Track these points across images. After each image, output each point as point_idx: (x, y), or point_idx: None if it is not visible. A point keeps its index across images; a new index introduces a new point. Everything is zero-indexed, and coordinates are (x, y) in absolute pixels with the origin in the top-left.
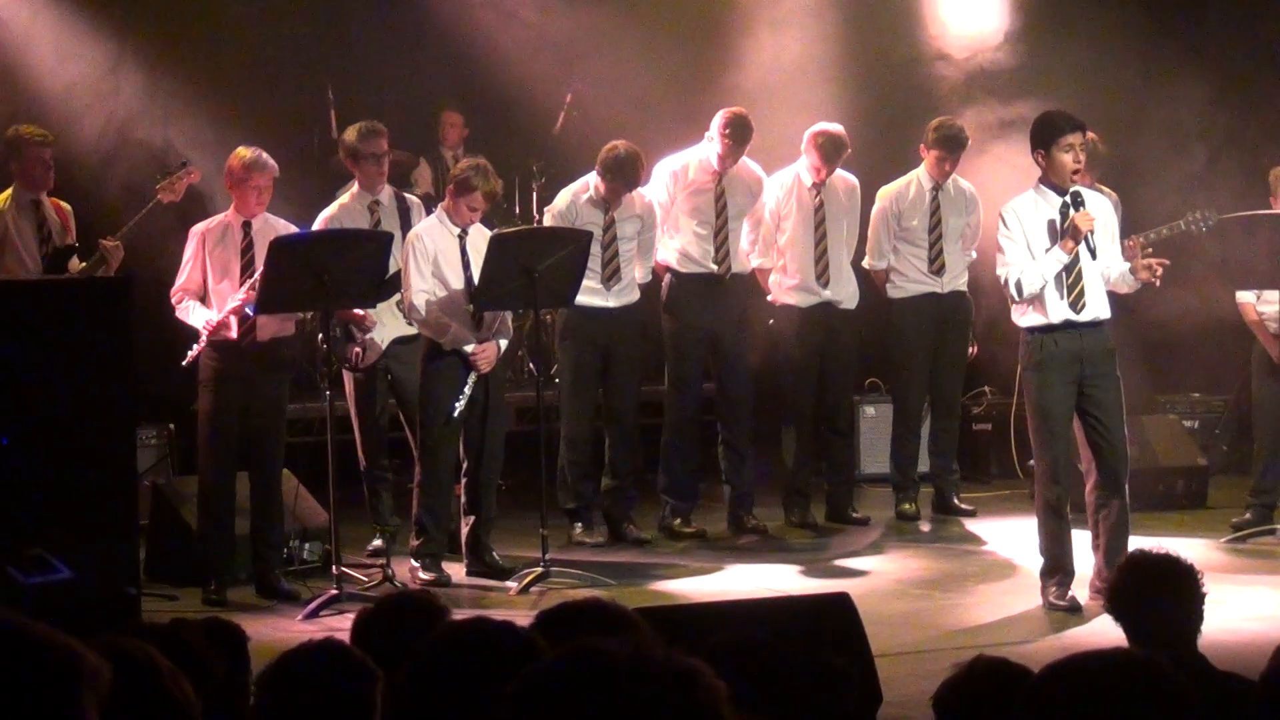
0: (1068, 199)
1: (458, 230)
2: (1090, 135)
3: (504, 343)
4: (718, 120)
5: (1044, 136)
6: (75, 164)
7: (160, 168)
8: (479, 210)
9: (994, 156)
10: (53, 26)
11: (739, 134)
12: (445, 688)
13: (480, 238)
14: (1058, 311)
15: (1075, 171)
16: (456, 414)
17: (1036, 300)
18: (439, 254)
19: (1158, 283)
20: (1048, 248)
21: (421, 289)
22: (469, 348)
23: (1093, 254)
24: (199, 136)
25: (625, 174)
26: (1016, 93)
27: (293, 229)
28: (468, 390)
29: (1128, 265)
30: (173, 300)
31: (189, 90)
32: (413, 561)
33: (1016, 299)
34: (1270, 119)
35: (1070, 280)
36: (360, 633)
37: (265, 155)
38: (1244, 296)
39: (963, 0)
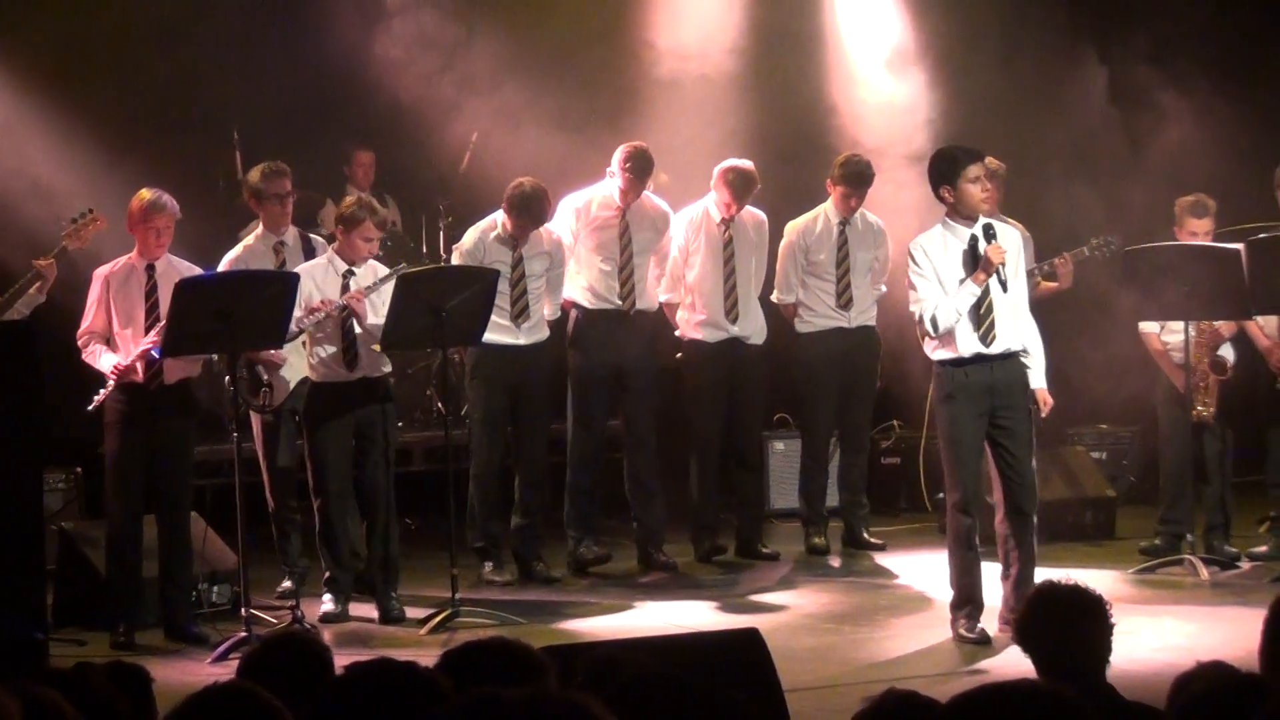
0: (978, 231)
1: (343, 269)
2: (994, 161)
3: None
4: (618, 155)
5: (947, 172)
6: None
7: (68, 214)
8: (374, 240)
9: (902, 190)
10: None
11: (640, 168)
12: None
13: (370, 274)
14: (969, 345)
15: (984, 202)
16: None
17: (948, 334)
18: (314, 293)
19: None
20: (961, 279)
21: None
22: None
23: (1004, 286)
24: (103, 180)
25: (531, 211)
26: (921, 125)
27: (196, 271)
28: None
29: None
30: (79, 343)
31: (93, 133)
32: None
33: (933, 335)
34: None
35: (981, 313)
36: (246, 673)
37: (166, 196)
38: (1147, 327)
39: (865, 36)
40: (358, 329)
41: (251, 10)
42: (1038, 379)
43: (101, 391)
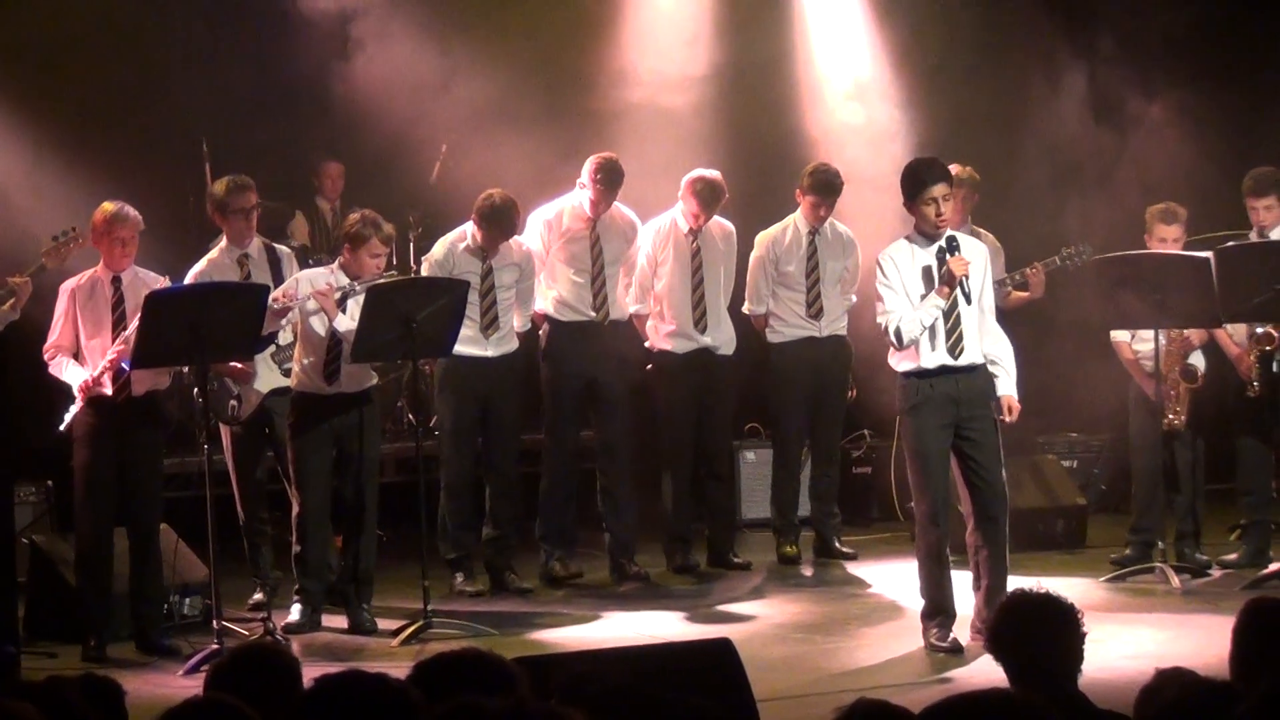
0: (943, 243)
1: (345, 282)
2: (966, 169)
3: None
4: (588, 166)
5: (910, 190)
6: None
7: (32, 227)
8: (381, 256)
9: (871, 199)
10: None
11: (610, 179)
12: None
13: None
14: (935, 357)
15: (940, 225)
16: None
17: (914, 345)
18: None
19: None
20: (924, 294)
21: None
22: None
23: (968, 299)
24: (74, 197)
25: (501, 222)
26: (892, 134)
27: (163, 282)
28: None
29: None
30: (45, 357)
31: (60, 146)
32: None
33: (898, 346)
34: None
35: (949, 326)
36: (215, 683)
37: (128, 207)
38: (1118, 335)
39: (835, 43)
40: (344, 345)
41: (220, 21)
42: (1007, 386)
43: (72, 410)
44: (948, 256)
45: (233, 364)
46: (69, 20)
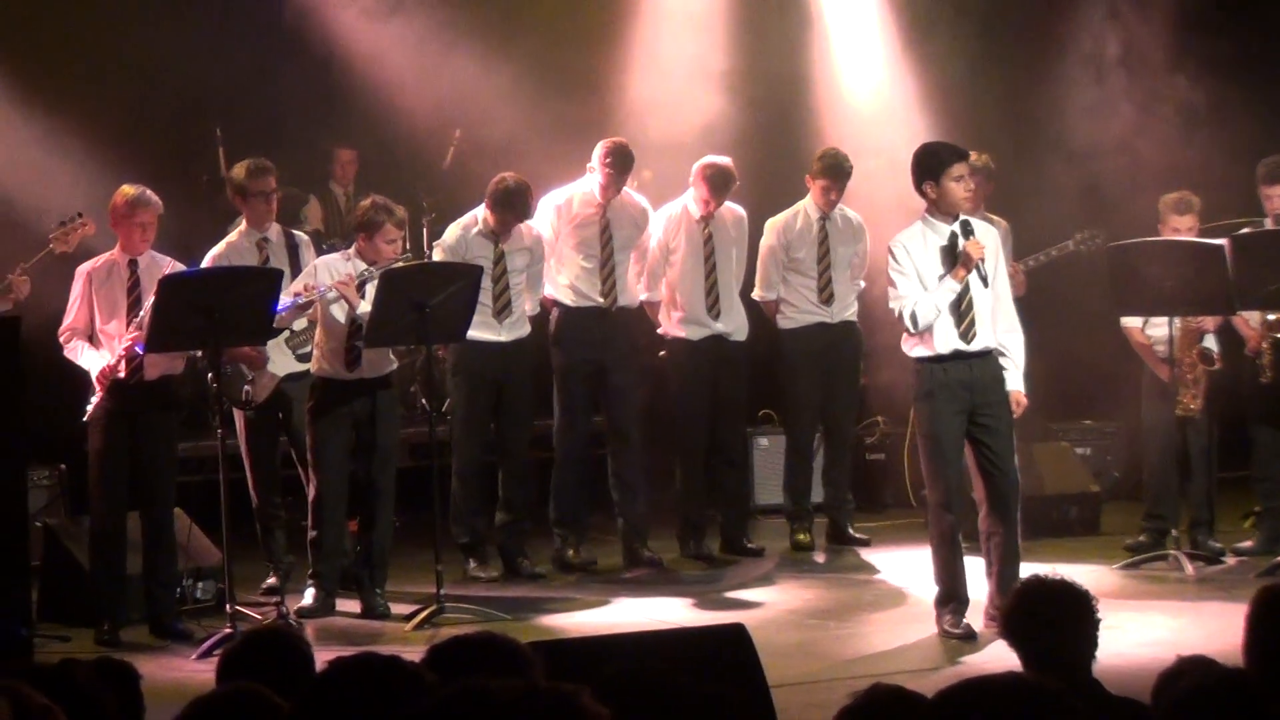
0: (956, 228)
1: (362, 268)
2: (983, 156)
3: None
4: (599, 150)
5: (931, 168)
6: None
7: (46, 209)
8: (397, 241)
9: (881, 185)
10: None
11: (620, 163)
12: None
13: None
14: (948, 341)
15: (965, 201)
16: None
17: (929, 330)
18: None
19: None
20: (941, 275)
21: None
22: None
23: (984, 281)
24: (85, 178)
25: (515, 205)
26: (901, 121)
27: (179, 266)
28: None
29: None
30: (60, 339)
31: (73, 129)
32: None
33: (912, 331)
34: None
35: (961, 310)
36: (227, 668)
37: (149, 192)
38: (1129, 321)
39: (846, 30)
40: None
41: (233, 7)
42: (1014, 380)
43: (93, 401)
44: (961, 241)
45: (244, 350)
46: (81, 5)
